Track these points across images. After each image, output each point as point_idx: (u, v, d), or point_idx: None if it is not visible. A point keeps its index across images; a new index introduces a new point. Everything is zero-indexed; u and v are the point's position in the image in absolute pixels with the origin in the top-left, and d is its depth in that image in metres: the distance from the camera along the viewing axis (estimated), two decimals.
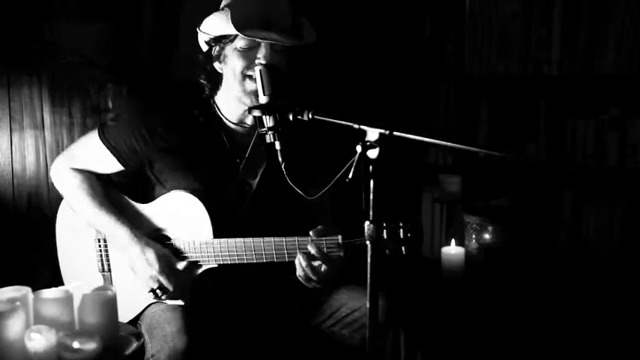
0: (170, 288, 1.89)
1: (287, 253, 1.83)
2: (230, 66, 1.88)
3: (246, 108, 1.88)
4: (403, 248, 1.71)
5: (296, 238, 1.81)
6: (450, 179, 2.98)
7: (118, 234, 1.94)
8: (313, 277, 1.80)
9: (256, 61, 1.84)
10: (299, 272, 1.82)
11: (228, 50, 1.88)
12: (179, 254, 1.94)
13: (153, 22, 2.54)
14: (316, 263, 1.80)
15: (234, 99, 1.92)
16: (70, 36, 2.41)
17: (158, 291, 1.90)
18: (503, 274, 2.75)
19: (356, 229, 1.73)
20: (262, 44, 1.83)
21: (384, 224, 1.57)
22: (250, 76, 1.86)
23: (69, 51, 2.43)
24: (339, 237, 1.79)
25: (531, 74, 2.82)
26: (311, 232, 1.80)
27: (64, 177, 2.03)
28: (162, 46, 2.56)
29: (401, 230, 1.71)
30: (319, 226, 1.80)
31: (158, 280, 1.89)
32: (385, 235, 1.62)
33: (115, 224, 1.95)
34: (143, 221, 1.99)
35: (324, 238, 1.79)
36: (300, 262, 1.80)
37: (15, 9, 2.34)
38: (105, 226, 1.97)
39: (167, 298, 1.91)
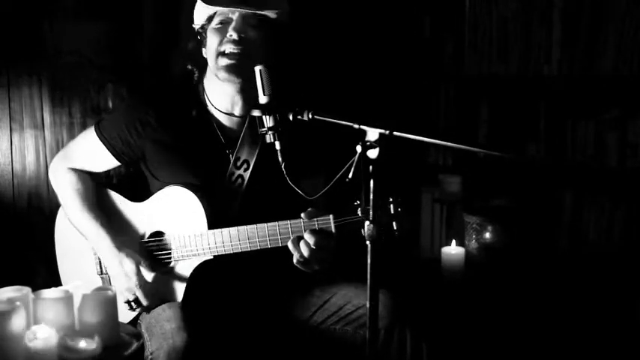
0: (145, 304, 1.91)
1: (280, 238, 1.83)
2: (208, 46, 1.94)
3: (232, 94, 1.94)
4: (394, 224, 1.71)
5: (288, 222, 1.81)
6: (450, 179, 2.98)
7: (99, 241, 1.96)
8: (309, 260, 1.79)
9: (227, 35, 1.88)
10: (295, 257, 1.81)
11: (208, 32, 1.95)
12: (168, 251, 1.95)
13: (153, 22, 2.54)
14: (311, 245, 1.78)
15: (215, 79, 1.95)
16: (70, 36, 2.41)
17: (133, 304, 1.93)
18: (503, 274, 2.75)
19: (346, 208, 1.75)
20: (234, 18, 1.88)
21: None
22: (223, 52, 1.90)
23: (69, 51, 2.42)
24: (331, 217, 1.79)
25: (531, 74, 2.82)
26: (302, 215, 1.80)
27: (61, 176, 2.06)
28: (163, 46, 2.55)
29: (391, 205, 1.71)
30: (310, 208, 1.80)
31: (134, 294, 1.91)
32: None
33: (97, 231, 1.97)
34: (138, 218, 2.00)
35: (315, 219, 1.80)
36: (293, 246, 1.80)
37: (15, 9, 2.34)
38: (88, 232, 1.99)
39: (142, 311, 1.94)
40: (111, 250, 1.94)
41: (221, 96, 1.99)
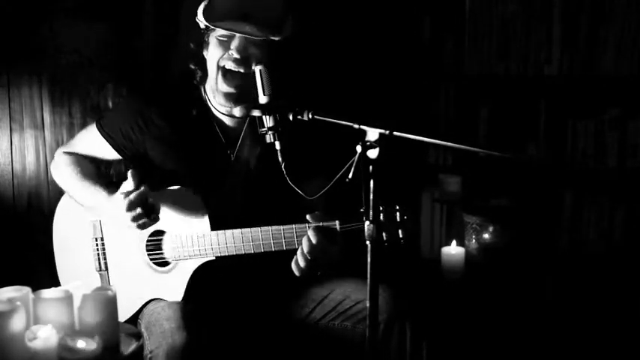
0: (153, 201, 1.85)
1: (285, 242, 1.82)
2: (210, 53, 1.92)
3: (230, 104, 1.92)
4: (400, 231, 1.71)
5: (293, 226, 1.81)
6: (450, 179, 2.98)
7: (94, 198, 1.95)
8: (306, 256, 1.79)
9: (229, 52, 1.86)
10: (301, 263, 1.81)
11: (211, 38, 1.92)
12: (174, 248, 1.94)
13: (153, 22, 2.54)
14: (313, 242, 1.78)
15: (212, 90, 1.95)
16: (70, 36, 2.41)
17: (145, 217, 1.83)
18: (503, 274, 2.75)
19: (352, 214, 1.75)
20: (236, 35, 1.85)
21: (381, 207, 1.55)
22: (224, 67, 1.88)
23: (69, 51, 2.43)
24: (337, 222, 1.79)
25: (531, 74, 2.82)
26: (308, 217, 1.80)
27: (60, 160, 2.08)
28: (163, 46, 2.55)
29: (397, 213, 1.71)
30: (316, 212, 1.80)
31: (140, 205, 1.83)
32: (382, 218, 1.62)
33: (93, 191, 1.96)
34: None
35: (321, 223, 1.79)
36: (301, 249, 1.80)
37: (15, 9, 2.34)
38: (83, 194, 1.98)
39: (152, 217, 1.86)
40: (105, 198, 1.91)
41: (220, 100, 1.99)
